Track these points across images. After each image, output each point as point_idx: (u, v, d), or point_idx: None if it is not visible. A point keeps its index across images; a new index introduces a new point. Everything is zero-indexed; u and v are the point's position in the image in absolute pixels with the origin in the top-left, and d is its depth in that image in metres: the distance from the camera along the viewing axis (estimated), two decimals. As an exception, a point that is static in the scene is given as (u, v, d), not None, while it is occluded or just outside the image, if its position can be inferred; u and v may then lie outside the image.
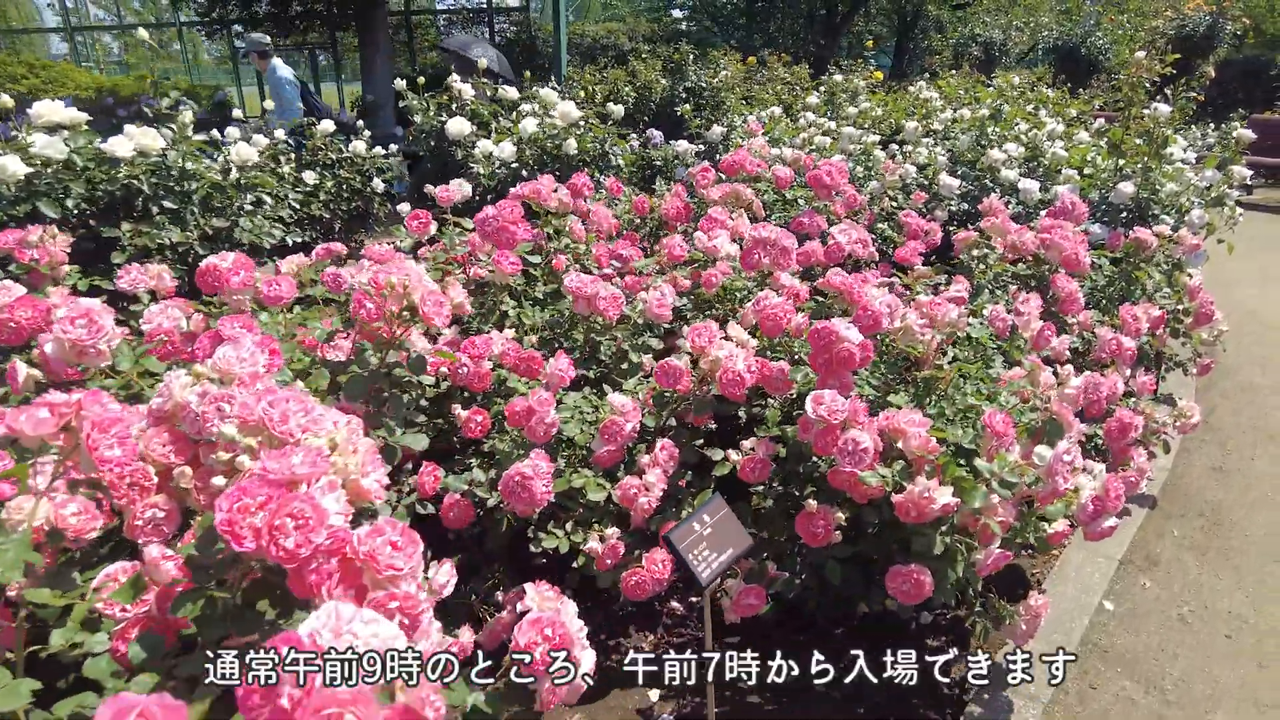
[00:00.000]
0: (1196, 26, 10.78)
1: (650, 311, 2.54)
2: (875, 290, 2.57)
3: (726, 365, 2.07)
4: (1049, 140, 4.85)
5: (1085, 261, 3.05)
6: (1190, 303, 3.35)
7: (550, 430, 2.05)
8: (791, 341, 2.45)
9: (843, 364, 1.99)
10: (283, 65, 5.92)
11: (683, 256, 2.93)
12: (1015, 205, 4.39)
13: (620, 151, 4.51)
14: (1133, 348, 2.86)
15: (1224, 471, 3.00)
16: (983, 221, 3.07)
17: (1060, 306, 2.99)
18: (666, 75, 11.50)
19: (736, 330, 2.28)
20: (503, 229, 2.54)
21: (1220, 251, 3.95)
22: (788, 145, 4.93)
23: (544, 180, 2.90)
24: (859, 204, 4.03)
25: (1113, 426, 2.62)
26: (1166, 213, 4.06)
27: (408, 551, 1.03)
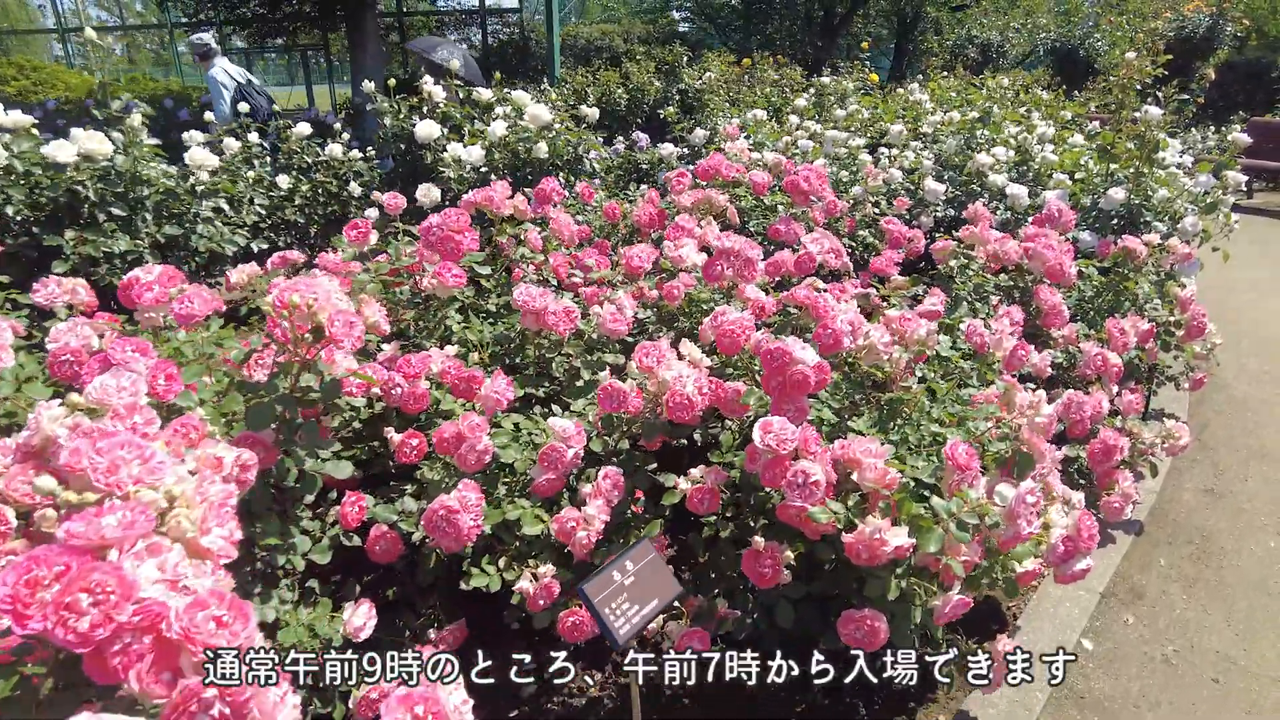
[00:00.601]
0: (1196, 28, 10.63)
1: (604, 327, 2.40)
2: (842, 305, 2.43)
3: (674, 388, 1.93)
4: (1039, 144, 4.70)
5: (1070, 272, 2.90)
6: (1182, 315, 3.19)
7: (483, 458, 1.90)
8: (753, 360, 2.30)
9: (796, 388, 1.84)
10: (225, 67, 5.69)
11: (642, 268, 2.78)
12: (1003, 211, 4.24)
13: (596, 155, 4.37)
14: (1119, 364, 2.71)
15: (1215, 494, 2.84)
16: (962, 231, 2.93)
17: (1043, 320, 2.84)
18: (660, 77, 11.38)
19: (690, 349, 2.13)
20: (447, 238, 2.40)
21: (1216, 258, 3.80)
22: (770, 149, 4.79)
23: (497, 186, 2.75)
24: (839, 210, 3.89)
25: (1096, 449, 2.47)
26: (1159, 219, 3.91)
27: (234, 628, 0.89)
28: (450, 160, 4.13)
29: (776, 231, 3.63)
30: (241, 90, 5.65)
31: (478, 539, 1.87)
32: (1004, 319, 2.28)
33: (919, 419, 1.95)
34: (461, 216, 2.45)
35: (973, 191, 4.37)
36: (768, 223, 3.75)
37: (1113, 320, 2.84)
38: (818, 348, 2.06)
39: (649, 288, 2.87)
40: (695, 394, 1.95)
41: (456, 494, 1.80)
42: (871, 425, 1.99)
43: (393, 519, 2.01)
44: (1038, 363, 2.60)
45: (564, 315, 2.34)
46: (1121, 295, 3.15)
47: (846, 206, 4.03)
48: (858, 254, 3.98)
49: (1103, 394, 2.62)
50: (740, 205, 4.02)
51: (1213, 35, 11.08)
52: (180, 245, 3.71)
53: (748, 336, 2.22)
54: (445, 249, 2.41)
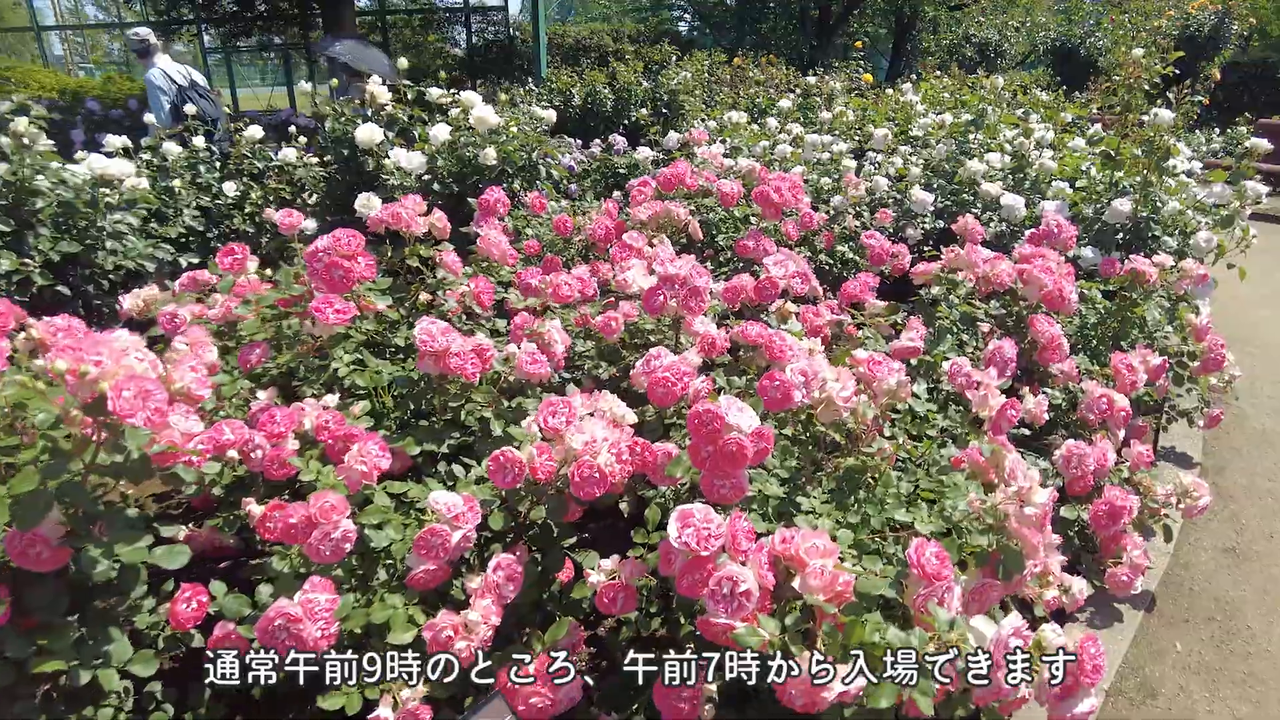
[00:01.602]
0: (1201, 27, 10.26)
1: (521, 370, 2.03)
2: (802, 343, 2.07)
3: (582, 459, 1.56)
4: (1037, 149, 4.33)
5: (1071, 299, 2.54)
6: (1197, 344, 2.83)
7: (341, 548, 1.54)
8: (693, 410, 1.94)
9: (729, 460, 1.48)
10: (165, 67, 5.28)
11: (571, 296, 2.42)
12: (998, 224, 3.87)
13: (553, 161, 4.01)
14: (1126, 408, 2.35)
15: (1238, 555, 2.48)
16: (946, 253, 2.56)
17: (1039, 354, 2.47)
18: (649, 77, 11.00)
19: (612, 403, 1.77)
20: (333, 266, 2.03)
21: (1226, 269, 3.44)
22: (746, 155, 4.43)
23: (407, 201, 2.39)
24: (815, 224, 3.52)
25: (1101, 511, 2.11)
26: (1168, 233, 3.54)
27: None
28: (391, 168, 3.77)
29: (744, 248, 3.27)
30: (183, 92, 5.27)
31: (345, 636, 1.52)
32: (991, 368, 1.91)
33: (884, 494, 1.58)
34: (353, 239, 2.08)
35: (964, 201, 4.00)
36: (739, 237, 3.39)
37: (1119, 356, 2.48)
38: (762, 403, 1.70)
39: (594, 315, 2.51)
40: (611, 464, 1.59)
41: (301, 597, 1.44)
42: (827, 500, 1.62)
43: (245, 613, 1.64)
44: (1033, 408, 2.23)
45: (472, 356, 1.97)
46: (1128, 322, 2.78)
47: (824, 219, 3.66)
48: (836, 271, 3.62)
49: (1108, 443, 2.26)
50: (708, 218, 3.66)
51: (1218, 34, 10.70)
52: (82, 263, 3.35)
53: (685, 385, 1.86)
54: (331, 278, 2.05)
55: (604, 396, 1.78)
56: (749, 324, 2.07)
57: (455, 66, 12.94)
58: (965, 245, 2.61)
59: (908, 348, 2.25)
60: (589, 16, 21.12)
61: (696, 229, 3.26)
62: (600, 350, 2.51)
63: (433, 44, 13.32)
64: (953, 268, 2.52)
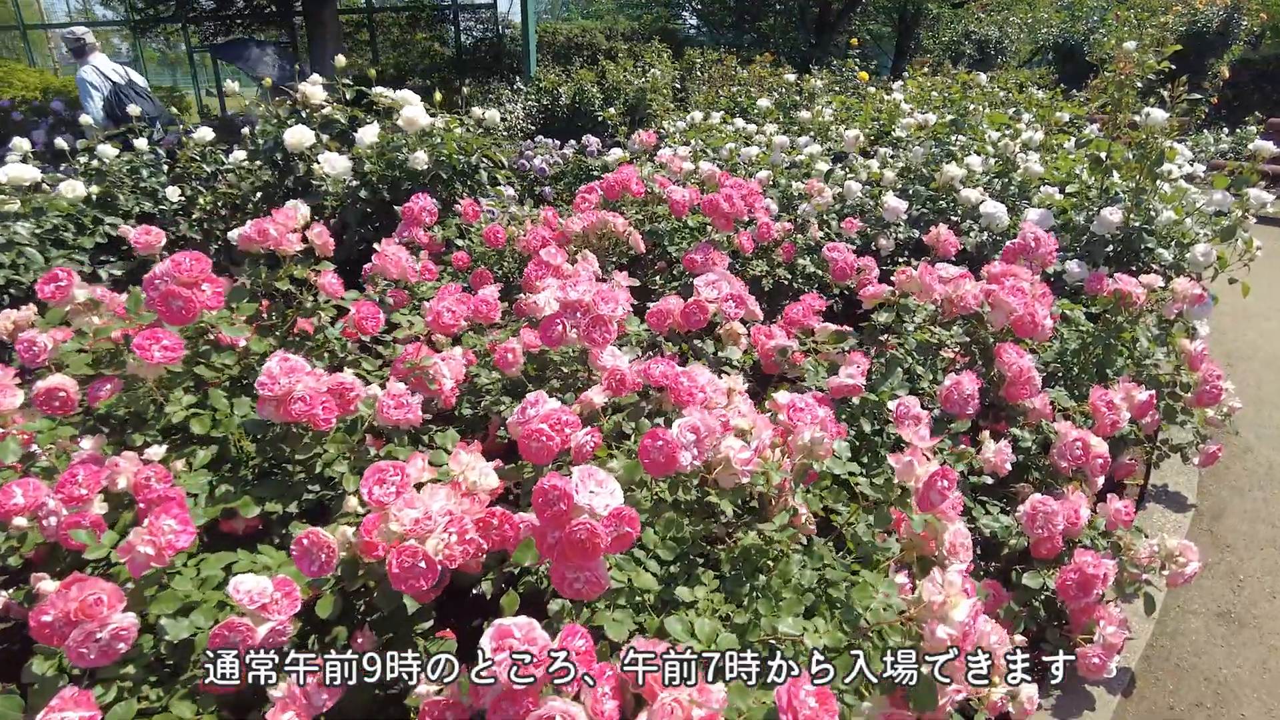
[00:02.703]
0: (1209, 22, 9.87)
1: (383, 415, 1.74)
2: (719, 383, 1.78)
3: (403, 546, 1.26)
4: (1024, 151, 4.01)
5: (1045, 325, 2.22)
6: (1191, 374, 2.51)
7: (114, 648, 1.25)
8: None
9: (579, 551, 1.18)
10: (98, 65, 4.99)
11: (454, 325, 2.12)
12: (978, 233, 3.56)
13: (493, 165, 3.70)
14: (1104, 454, 2.04)
15: (1234, 621, 2.16)
16: (898, 273, 2.25)
17: (1006, 390, 2.16)
18: (640, 75, 10.71)
19: (465, 465, 1.47)
20: (171, 295, 1.74)
21: (1226, 279, 3.12)
22: (710, 158, 4.12)
23: (279, 214, 2.09)
24: (772, 234, 3.22)
25: (1070, 580, 1.80)
26: (1163, 245, 3.22)
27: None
28: (320, 173, 3.49)
29: (691, 262, 2.98)
30: (119, 91, 5.00)
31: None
32: (917, 425, 1.59)
33: (780, 587, 1.28)
34: (196, 264, 1.79)
35: (942, 209, 3.68)
36: (689, 250, 3.08)
37: (1099, 392, 2.16)
38: (645, 464, 1.40)
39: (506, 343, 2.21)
40: (446, 548, 1.29)
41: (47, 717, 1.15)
42: (716, 589, 1.32)
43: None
44: (992, 457, 1.93)
45: (325, 400, 1.68)
46: (1112, 349, 2.47)
47: (786, 229, 3.35)
48: (797, 287, 3.31)
49: (1080, 496, 1.95)
50: (659, 228, 3.36)
51: (1227, 30, 10.31)
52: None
53: (565, 439, 1.56)
54: (169, 309, 1.76)
55: (458, 456, 1.48)
56: (655, 360, 1.77)
57: (443, 65, 12.68)
58: (931, 260, 2.29)
59: (846, 385, 1.94)
60: (583, 14, 20.80)
61: (638, 241, 2.96)
62: (505, 384, 2.21)
63: (420, 42, 13.04)
64: (905, 291, 2.21)
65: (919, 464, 1.37)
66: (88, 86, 4.87)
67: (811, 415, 1.67)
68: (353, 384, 1.78)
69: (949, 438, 2.05)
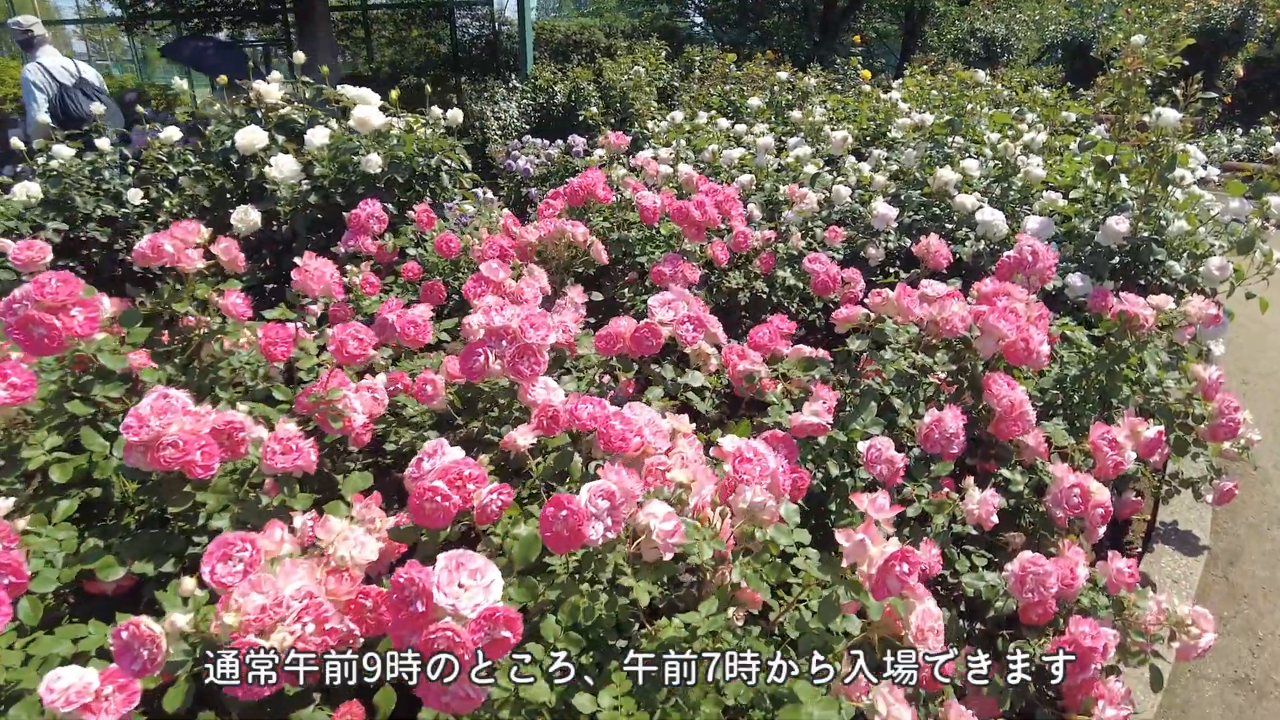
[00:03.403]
0: (1223, 19, 9.56)
1: (267, 463, 1.51)
2: (661, 424, 1.55)
3: (242, 641, 1.04)
4: (1025, 154, 3.76)
5: (1040, 351, 1.98)
6: (1206, 405, 2.26)
7: None
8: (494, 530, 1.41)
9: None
10: (45, 62, 4.73)
11: (361, 355, 1.89)
12: (974, 242, 3.31)
13: (456, 168, 3.47)
14: (1105, 503, 1.79)
15: (1253, 689, 1.91)
16: (872, 296, 2.00)
17: (995, 426, 1.92)
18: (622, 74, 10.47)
19: (337, 530, 1.24)
20: (31, 321, 1.52)
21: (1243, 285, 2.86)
22: (690, 161, 3.89)
23: (181, 226, 1.87)
24: (749, 244, 2.98)
25: (1064, 653, 1.55)
26: (1174, 258, 2.97)
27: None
28: (273, 176, 3.27)
29: (659, 275, 2.75)
30: (67, 91, 4.77)
31: None
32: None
33: (699, 699, 1.04)
34: (65, 285, 1.57)
35: (936, 216, 3.44)
36: (657, 261, 2.85)
37: (1100, 429, 1.91)
38: (546, 539, 1.16)
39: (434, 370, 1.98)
40: (295, 640, 1.06)
41: None
42: (627, 694, 1.09)
43: None
44: (976, 509, 1.69)
45: (204, 444, 1.45)
46: (1119, 377, 2.22)
47: (766, 237, 3.11)
48: (775, 301, 3.07)
49: (1078, 552, 1.71)
50: (629, 236, 3.13)
51: (1241, 28, 10.00)
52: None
53: (467, 497, 1.33)
54: (30, 338, 1.53)
55: (326, 523, 1.25)
56: (583, 400, 1.54)
57: (439, 63, 12.47)
58: (921, 273, 2.05)
59: (809, 425, 1.70)
60: (583, 11, 20.57)
61: (600, 251, 2.73)
62: (435, 417, 1.98)
63: (416, 40, 12.84)
64: (881, 314, 1.96)
65: (873, 543, 1.13)
66: (31, 88, 4.64)
67: (761, 467, 1.43)
68: (243, 424, 1.55)
69: (928, 481, 1.82)
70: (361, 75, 12.26)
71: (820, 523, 1.81)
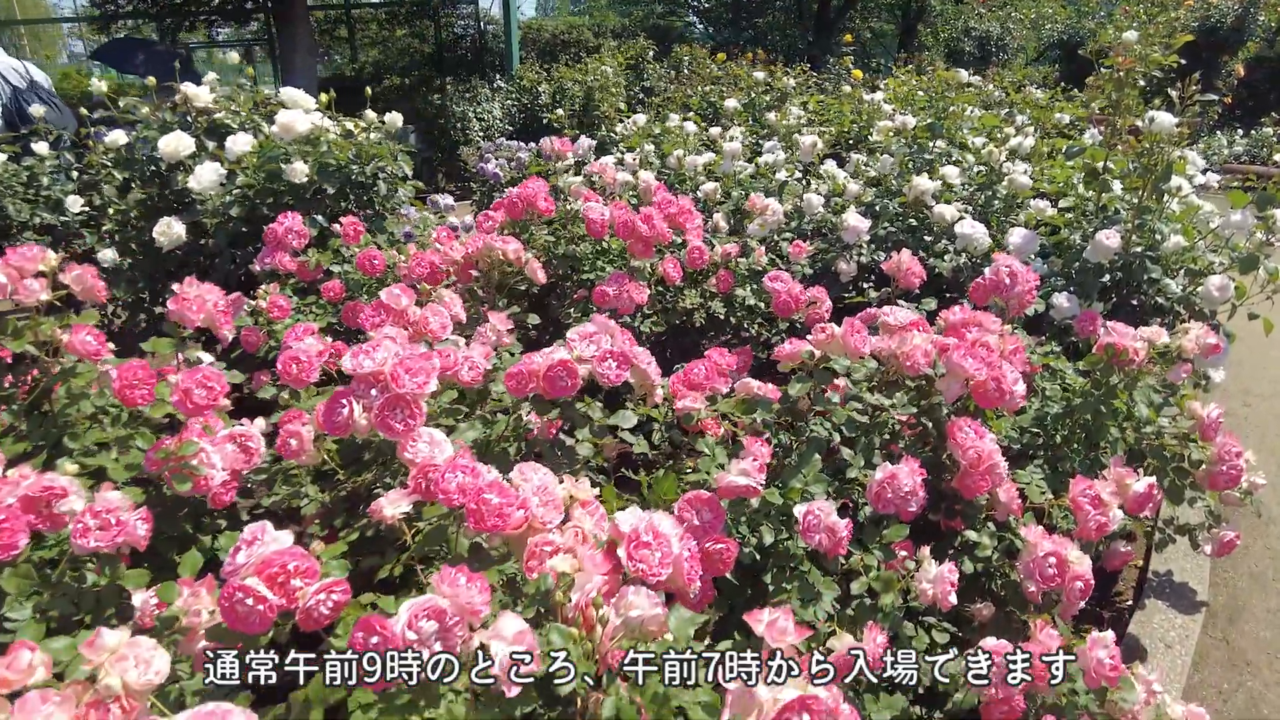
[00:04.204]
0: (1223, 18, 9.30)
1: (76, 542, 1.26)
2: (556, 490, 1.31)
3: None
4: (1011, 160, 3.51)
5: (1014, 393, 1.73)
6: (1204, 447, 2.00)
7: None
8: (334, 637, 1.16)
9: None
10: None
11: (210, 405, 1.63)
12: (954, 256, 3.06)
13: (392, 176, 3.21)
14: (1085, 575, 1.54)
15: (1259, 782, 1.66)
16: (815, 332, 1.74)
17: (960, 481, 1.66)
18: (625, 73, 10.22)
19: (110, 644, 0.99)
20: None
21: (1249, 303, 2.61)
22: (649, 169, 3.63)
23: (19, 252, 1.62)
24: (706, 260, 2.73)
25: (1034, 767, 1.30)
26: (1170, 275, 2.71)
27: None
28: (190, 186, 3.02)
29: (602, 295, 2.51)
30: (19, 95, 4.54)
31: None
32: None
33: None
34: None
35: (913, 227, 3.18)
36: (602, 279, 2.60)
37: (1081, 484, 1.66)
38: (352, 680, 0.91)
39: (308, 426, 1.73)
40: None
41: None
42: None
43: None
44: (931, 589, 1.44)
45: (8, 519, 1.21)
46: (1106, 418, 1.97)
47: (727, 252, 2.86)
48: (734, 322, 2.82)
49: (1052, 634, 1.45)
50: (578, 251, 2.88)
51: (1242, 26, 9.74)
52: None
53: (291, 597, 1.09)
54: None
55: (97, 639, 0.99)
56: (451, 460, 1.29)
57: (423, 63, 12.21)
58: (892, 294, 1.79)
59: (737, 486, 1.44)
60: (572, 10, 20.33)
61: (535, 270, 2.48)
62: (316, 474, 1.73)
63: (400, 40, 12.59)
64: (827, 354, 1.71)
65: (763, 691, 0.87)
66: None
67: (663, 553, 1.19)
68: (64, 489, 1.31)
69: (879, 548, 1.57)
70: (345, 76, 12.02)
71: (760, 588, 1.56)
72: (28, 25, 17.17)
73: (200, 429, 1.53)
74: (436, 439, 1.48)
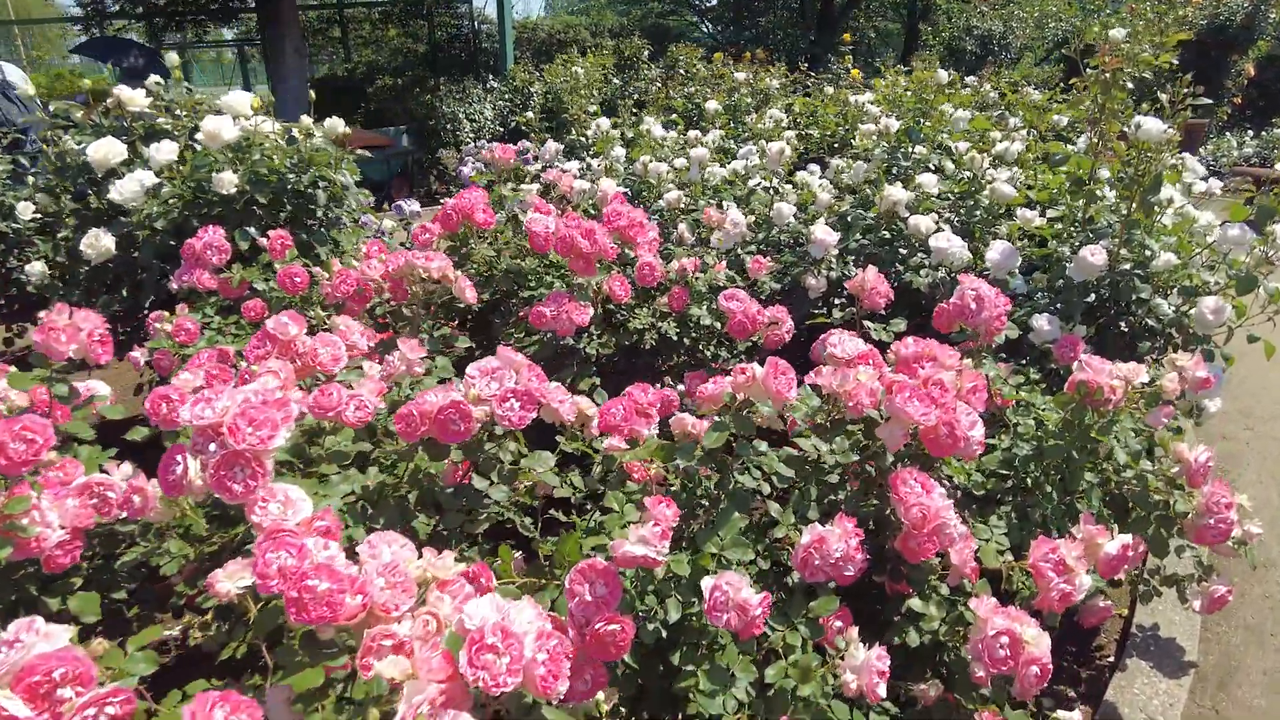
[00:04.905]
0: (1233, 16, 9.02)
1: None
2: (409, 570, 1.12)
3: None
4: (995, 167, 3.29)
5: (970, 439, 1.53)
6: (1190, 495, 1.79)
7: None
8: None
9: None
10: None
11: (27, 462, 1.44)
12: (930, 271, 2.85)
13: (334, 185, 3.02)
14: (1043, 658, 1.33)
15: None
16: (734, 374, 1.54)
17: (902, 543, 1.46)
18: (618, 73, 10.01)
19: None
20: None
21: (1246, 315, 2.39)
22: (614, 175, 3.44)
23: None
24: (658, 278, 2.53)
25: None
26: (1161, 294, 2.49)
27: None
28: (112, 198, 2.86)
29: (539, 316, 2.32)
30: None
31: None
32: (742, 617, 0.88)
33: None
34: None
35: (886, 240, 2.97)
36: (540, 299, 2.40)
37: (1044, 546, 1.45)
38: None
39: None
40: None
41: None
42: None
43: None
44: (856, 680, 1.23)
45: None
46: (1079, 461, 1.75)
47: (683, 267, 2.66)
48: (688, 344, 2.62)
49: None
50: (524, 266, 2.68)
51: (1252, 25, 9.45)
52: None
53: (55, 714, 0.90)
54: None
55: None
56: (275, 544, 1.09)
57: (416, 63, 12.03)
58: (856, 315, 1.59)
59: (634, 557, 1.24)
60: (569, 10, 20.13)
61: (464, 289, 2.29)
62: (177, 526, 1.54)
63: (393, 40, 12.42)
64: (749, 397, 1.50)
65: None
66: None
67: (512, 658, 0.99)
68: None
69: (805, 623, 1.36)
70: (337, 76, 11.86)
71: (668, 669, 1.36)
72: (20, 25, 17.11)
73: (27, 484, 1.34)
74: (292, 498, 1.28)
